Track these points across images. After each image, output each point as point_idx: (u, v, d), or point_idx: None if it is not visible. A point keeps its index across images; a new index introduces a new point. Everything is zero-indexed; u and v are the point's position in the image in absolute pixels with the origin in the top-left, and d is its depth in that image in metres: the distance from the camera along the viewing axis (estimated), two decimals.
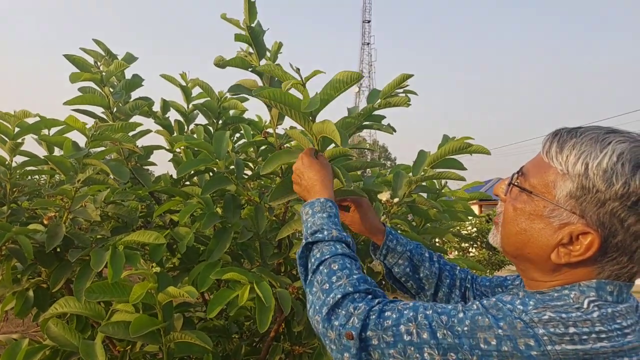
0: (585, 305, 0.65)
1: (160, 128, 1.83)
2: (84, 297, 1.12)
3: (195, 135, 1.54)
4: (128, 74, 1.59)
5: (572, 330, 0.62)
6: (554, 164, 0.70)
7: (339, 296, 0.79)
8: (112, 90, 1.45)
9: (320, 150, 1.10)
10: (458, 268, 1.13)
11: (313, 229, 0.93)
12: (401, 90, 1.45)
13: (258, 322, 1.12)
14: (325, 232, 0.91)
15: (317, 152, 1.09)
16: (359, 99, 75.93)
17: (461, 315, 0.69)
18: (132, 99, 1.57)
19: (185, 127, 1.83)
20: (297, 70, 0.99)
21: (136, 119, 1.80)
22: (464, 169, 1.38)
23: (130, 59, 1.59)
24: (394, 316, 0.73)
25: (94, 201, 1.60)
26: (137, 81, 1.59)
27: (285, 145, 1.45)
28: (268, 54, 1.43)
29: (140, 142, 1.70)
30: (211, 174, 1.55)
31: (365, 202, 1.16)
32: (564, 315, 0.64)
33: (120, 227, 1.66)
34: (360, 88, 76.29)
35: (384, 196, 1.34)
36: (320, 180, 1.00)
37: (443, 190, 1.54)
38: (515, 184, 0.76)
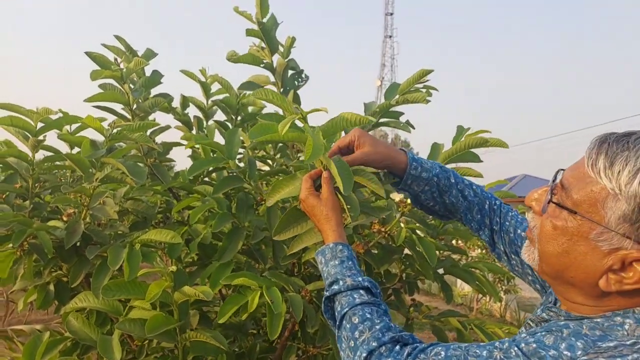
0: None
1: (179, 124, 1.84)
2: (101, 294, 1.13)
3: (207, 134, 1.54)
4: (148, 70, 1.60)
5: None
6: (602, 181, 0.61)
7: (364, 354, 0.76)
8: (132, 86, 1.46)
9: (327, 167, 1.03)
10: (497, 205, 1.04)
11: (329, 281, 0.90)
12: (421, 85, 1.41)
13: (269, 329, 1.11)
14: (341, 283, 0.88)
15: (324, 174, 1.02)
16: (380, 93, 75.30)
17: None
18: (151, 95, 1.58)
19: (205, 123, 1.83)
20: (297, 107, 0.96)
21: (156, 114, 1.82)
22: (480, 161, 1.34)
23: (150, 55, 1.60)
24: None
25: (113, 197, 1.63)
26: (156, 78, 1.59)
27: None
28: (281, 48, 1.42)
29: (160, 138, 1.72)
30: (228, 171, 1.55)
31: (365, 135, 1.01)
32: None
33: (140, 222, 1.68)
34: (382, 82, 75.65)
35: (397, 196, 1.31)
36: (325, 217, 0.96)
37: None
38: (556, 202, 0.67)
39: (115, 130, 1.13)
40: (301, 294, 1.27)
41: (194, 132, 1.79)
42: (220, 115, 1.84)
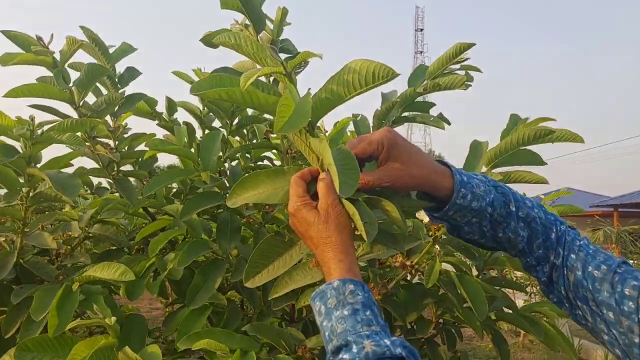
0: None
1: (167, 132, 1.55)
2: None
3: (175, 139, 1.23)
4: (122, 66, 1.32)
5: None
6: None
7: None
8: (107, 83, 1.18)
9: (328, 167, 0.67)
10: (562, 232, 0.71)
11: (335, 344, 0.57)
12: (457, 66, 1.06)
13: None
14: (355, 349, 0.55)
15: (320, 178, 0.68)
16: None
17: None
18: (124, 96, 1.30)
19: (201, 131, 1.54)
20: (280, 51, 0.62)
21: (139, 120, 1.53)
22: (543, 163, 0.97)
23: (128, 49, 1.32)
24: None
25: (79, 220, 1.33)
26: (131, 75, 1.31)
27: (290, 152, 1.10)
28: (270, 25, 1.09)
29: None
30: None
31: (397, 145, 0.66)
32: None
33: (113, 251, 1.38)
34: None
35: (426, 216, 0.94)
36: (326, 241, 0.63)
37: None
38: None
39: (40, 132, 0.83)
40: (297, 353, 0.92)
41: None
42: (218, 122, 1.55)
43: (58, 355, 0.85)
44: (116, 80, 1.25)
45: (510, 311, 1.10)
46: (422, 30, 77.41)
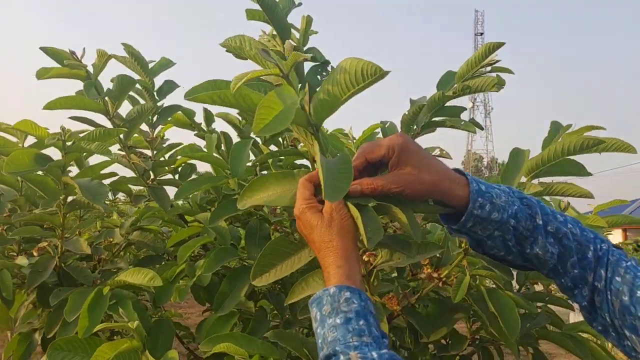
0: None
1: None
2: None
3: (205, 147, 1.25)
4: (160, 80, 1.37)
5: None
6: None
7: None
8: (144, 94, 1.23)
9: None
10: (604, 251, 0.64)
11: (324, 353, 0.55)
12: (489, 68, 1.01)
13: None
14: (342, 359, 0.53)
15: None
16: (473, 114, 72.33)
17: None
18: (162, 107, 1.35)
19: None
20: (269, 51, 0.60)
21: (175, 130, 1.59)
22: (588, 174, 0.89)
23: (166, 63, 1.37)
24: None
25: (121, 226, 1.39)
26: (169, 88, 1.36)
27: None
28: (297, 34, 1.09)
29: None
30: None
31: (409, 150, 0.63)
32: None
33: (153, 257, 1.43)
34: (474, 103, 72.77)
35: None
36: (328, 245, 0.61)
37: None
38: None
39: (72, 142, 0.87)
40: None
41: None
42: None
43: (87, 355, 0.88)
44: (154, 92, 1.30)
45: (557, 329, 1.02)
46: (482, 34, 75.31)
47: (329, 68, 1.17)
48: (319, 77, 1.17)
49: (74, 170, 1.09)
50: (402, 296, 0.83)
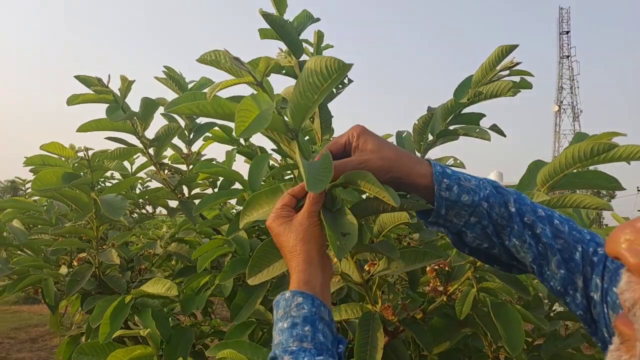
0: None
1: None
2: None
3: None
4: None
5: None
6: None
7: None
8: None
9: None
10: (600, 256, 0.58)
11: (270, 356, 0.57)
12: (506, 72, 0.96)
13: None
14: None
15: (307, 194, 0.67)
16: (559, 119, 67.61)
17: None
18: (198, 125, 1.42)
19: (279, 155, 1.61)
20: (236, 61, 0.62)
21: (215, 147, 1.66)
22: (622, 188, 0.80)
23: (205, 83, 1.46)
24: None
25: (160, 238, 1.49)
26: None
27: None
28: (311, 49, 1.10)
29: None
30: None
31: (367, 133, 0.65)
32: None
33: (191, 267, 1.51)
34: (560, 106, 68.14)
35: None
36: (291, 250, 0.63)
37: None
38: None
39: (96, 160, 0.95)
40: None
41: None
42: None
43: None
44: None
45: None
46: (567, 32, 70.59)
47: (345, 80, 1.18)
48: (333, 89, 1.18)
49: None
50: (401, 307, 0.80)
